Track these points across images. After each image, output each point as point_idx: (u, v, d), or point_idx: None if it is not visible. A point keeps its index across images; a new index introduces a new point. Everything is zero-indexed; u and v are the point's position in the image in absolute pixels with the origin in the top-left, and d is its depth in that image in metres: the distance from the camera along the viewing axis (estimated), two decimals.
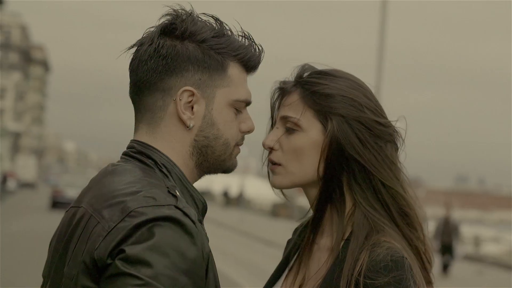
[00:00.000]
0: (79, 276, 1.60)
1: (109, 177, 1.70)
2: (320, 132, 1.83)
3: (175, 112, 1.74)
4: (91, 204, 1.67)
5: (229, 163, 1.80)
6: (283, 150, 1.85)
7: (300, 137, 1.84)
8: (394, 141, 1.85)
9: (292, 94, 1.87)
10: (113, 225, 1.59)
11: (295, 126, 1.85)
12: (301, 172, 1.84)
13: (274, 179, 1.87)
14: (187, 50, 1.74)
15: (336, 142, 1.81)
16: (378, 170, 1.80)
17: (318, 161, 1.83)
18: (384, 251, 1.73)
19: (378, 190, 1.80)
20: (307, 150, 1.84)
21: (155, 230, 1.57)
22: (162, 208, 1.59)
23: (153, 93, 1.75)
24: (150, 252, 1.55)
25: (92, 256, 1.59)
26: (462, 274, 20.94)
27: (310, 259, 1.86)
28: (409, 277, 1.72)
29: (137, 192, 1.63)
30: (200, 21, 1.77)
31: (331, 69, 1.90)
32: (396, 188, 1.81)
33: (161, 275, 1.54)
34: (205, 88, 1.75)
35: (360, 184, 1.81)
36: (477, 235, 30.81)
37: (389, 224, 1.79)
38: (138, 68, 1.76)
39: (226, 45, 1.77)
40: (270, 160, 1.88)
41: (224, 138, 1.77)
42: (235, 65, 1.79)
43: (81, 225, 1.66)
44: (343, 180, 1.82)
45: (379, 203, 1.80)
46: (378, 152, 1.81)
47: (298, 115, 1.84)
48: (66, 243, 1.68)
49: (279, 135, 1.87)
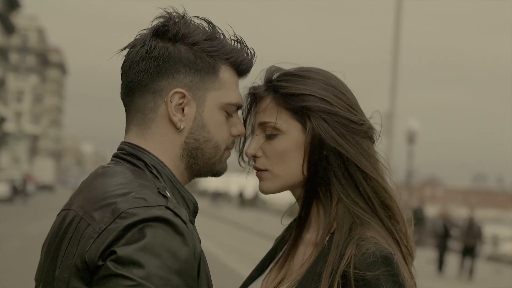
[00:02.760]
0: (70, 278, 1.60)
1: (99, 179, 1.70)
2: (301, 132, 1.84)
3: (166, 114, 1.74)
4: (81, 207, 1.67)
5: (219, 167, 1.80)
6: (267, 156, 1.86)
7: (282, 140, 1.85)
8: (370, 137, 1.86)
9: (265, 98, 1.88)
10: (104, 227, 1.59)
11: (275, 131, 1.85)
12: (288, 174, 1.85)
13: (262, 185, 1.87)
14: (179, 52, 1.74)
15: (317, 138, 1.82)
16: (360, 160, 1.81)
17: (302, 161, 1.83)
18: (373, 246, 1.74)
19: (359, 184, 1.81)
20: (290, 152, 1.84)
21: (146, 231, 1.56)
22: (153, 209, 1.59)
23: (144, 94, 1.75)
24: (141, 252, 1.54)
25: (83, 258, 1.59)
26: (480, 273, 20.84)
27: (296, 253, 1.87)
28: (400, 273, 1.73)
29: (127, 193, 1.62)
30: (193, 24, 1.77)
31: (298, 68, 1.90)
32: (377, 179, 1.82)
33: (153, 276, 1.54)
34: (196, 91, 1.76)
35: (340, 179, 1.81)
36: (495, 234, 30.66)
37: (372, 218, 1.80)
38: (130, 70, 1.76)
39: (218, 48, 1.77)
40: (256, 168, 1.88)
41: (215, 141, 1.77)
42: (227, 68, 1.79)
43: (71, 228, 1.66)
44: (328, 176, 1.82)
45: (361, 197, 1.81)
46: (356, 146, 1.82)
47: (275, 119, 1.85)
48: (57, 246, 1.68)
49: (260, 142, 1.87)
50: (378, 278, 1.70)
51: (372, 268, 1.71)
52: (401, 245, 1.82)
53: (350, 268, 1.72)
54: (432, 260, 22.21)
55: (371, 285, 1.71)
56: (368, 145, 1.85)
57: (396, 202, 1.84)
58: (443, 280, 19.68)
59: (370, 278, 1.70)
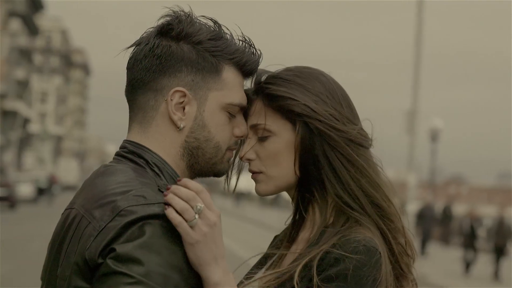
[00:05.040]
0: (72, 277, 1.60)
1: (101, 178, 1.71)
2: (291, 131, 1.83)
3: (166, 112, 1.74)
4: (82, 205, 1.67)
5: (220, 167, 1.80)
6: (261, 158, 1.86)
7: (274, 141, 1.84)
8: (356, 143, 1.84)
9: (255, 101, 1.87)
10: (104, 225, 1.59)
11: (266, 132, 1.84)
12: (282, 175, 1.85)
13: (258, 187, 1.87)
14: (182, 51, 1.74)
15: (308, 137, 1.82)
16: (342, 163, 1.81)
17: (294, 161, 1.83)
18: (361, 235, 1.74)
19: (347, 184, 1.81)
20: (283, 152, 1.84)
21: (145, 228, 1.57)
22: (152, 206, 1.60)
23: (146, 92, 1.75)
24: (141, 250, 1.55)
25: (83, 256, 1.59)
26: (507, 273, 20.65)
27: (289, 252, 1.87)
28: (373, 269, 1.71)
29: (127, 191, 1.63)
30: (198, 23, 1.77)
31: (286, 70, 1.88)
32: (366, 180, 1.82)
33: (153, 273, 1.54)
34: (198, 90, 1.75)
35: (330, 179, 1.81)
36: None
37: (362, 217, 1.80)
38: (134, 67, 1.76)
39: (222, 48, 1.76)
40: (250, 170, 1.88)
41: (215, 141, 1.77)
42: (231, 68, 1.78)
43: (73, 226, 1.66)
44: (320, 175, 1.82)
45: (350, 198, 1.81)
46: (338, 150, 1.81)
47: (266, 121, 1.84)
48: (59, 245, 1.68)
49: (252, 145, 1.87)
50: (351, 260, 1.69)
51: (352, 252, 1.71)
52: (393, 244, 1.81)
53: (333, 249, 1.72)
54: (458, 259, 22.04)
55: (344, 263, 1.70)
56: (354, 148, 1.82)
57: (388, 202, 1.83)
58: (470, 280, 19.53)
59: (346, 260, 1.70)
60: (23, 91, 69.72)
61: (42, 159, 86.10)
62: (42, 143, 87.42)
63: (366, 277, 1.70)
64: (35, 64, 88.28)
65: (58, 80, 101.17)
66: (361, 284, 1.70)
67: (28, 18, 65.99)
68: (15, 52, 64.38)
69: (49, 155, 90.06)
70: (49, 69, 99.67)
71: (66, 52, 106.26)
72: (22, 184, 45.93)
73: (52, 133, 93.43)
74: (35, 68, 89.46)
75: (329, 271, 1.70)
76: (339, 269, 1.70)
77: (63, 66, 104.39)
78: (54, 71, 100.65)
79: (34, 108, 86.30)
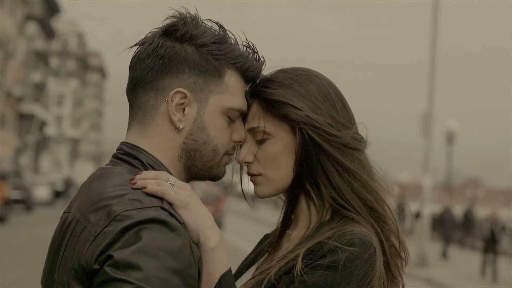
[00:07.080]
0: (70, 282, 1.60)
1: (97, 181, 1.70)
2: (290, 133, 1.83)
3: (166, 112, 1.74)
4: (78, 209, 1.67)
5: (216, 171, 1.80)
6: (259, 161, 1.85)
7: (273, 144, 1.84)
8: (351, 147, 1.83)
9: (252, 105, 1.86)
10: (100, 230, 1.58)
11: (264, 135, 1.84)
12: (281, 177, 1.84)
13: (257, 189, 1.87)
14: (185, 53, 1.74)
15: (303, 142, 1.81)
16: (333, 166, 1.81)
17: (293, 163, 1.83)
18: (357, 229, 1.74)
19: (338, 188, 1.80)
20: (282, 154, 1.84)
21: (142, 233, 1.56)
22: (148, 210, 1.59)
23: (147, 91, 1.75)
24: (138, 255, 1.54)
25: (80, 261, 1.58)
26: None
27: (279, 250, 1.87)
28: (365, 263, 1.70)
29: (123, 195, 1.62)
30: (203, 26, 1.77)
31: (281, 72, 1.88)
32: (360, 183, 1.81)
33: (152, 277, 1.53)
34: (199, 92, 1.75)
35: (324, 181, 1.81)
36: None
37: (357, 217, 1.79)
38: (136, 66, 1.76)
39: (226, 52, 1.76)
40: (249, 173, 1.88)
41: (214, 144, 1.76)
42: (233, 73, 1.78)
43: (69, 231, 1.66)
44: (315, 176, 1.82)
45: (343, 201, 1.81)
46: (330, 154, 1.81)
47: (263, 124, 1.83)
48: (56, 249, 1.68)
49: (250, 148, 1.86)
50: (344, 251, 1.69)
51: (346, 244, 1.70)
52: (385, 245, 1.81)
53: (328, 240, 1.72)
54: (479, 263, 21.93)
55: (337, 254, 1.69)
56: (348, 152, 1.82)
57: (382, 204, 1.83)
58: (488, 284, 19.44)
59: (340, 251, 1.69)
60: (40, 94, 70.14)
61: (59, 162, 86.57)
62: (59, 146, 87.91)
63: (357, 270, 1.69)
64: (52, 67, 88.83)
65: (74, 83, 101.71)
66: (350, 277, 1.69)
67: (44, 21, 66.39)
68: (31, 55, 64.78)
69: (66, 158, 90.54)
70: (66, 72, 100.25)
71: (83, 55, 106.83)
72: (39, 187, 46.16)
73: (68, 136, 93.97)
74: (52, 71, 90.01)
75: (321, 261, 1.70)
76: (331, 260, 1.70)
77: (79, 69, 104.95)
78: (70, 74, 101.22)
79: (50, 111, 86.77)
